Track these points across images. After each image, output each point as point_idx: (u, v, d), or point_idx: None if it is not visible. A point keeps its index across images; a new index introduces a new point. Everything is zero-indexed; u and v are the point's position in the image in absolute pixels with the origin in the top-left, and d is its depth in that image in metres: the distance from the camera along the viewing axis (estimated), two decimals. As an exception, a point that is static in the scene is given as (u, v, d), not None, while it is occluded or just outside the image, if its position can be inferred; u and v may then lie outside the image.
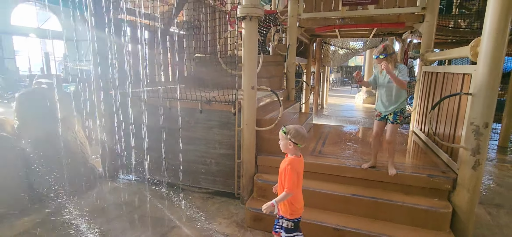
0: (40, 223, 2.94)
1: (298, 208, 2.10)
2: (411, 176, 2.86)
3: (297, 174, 2.01)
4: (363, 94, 13.32)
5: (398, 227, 2.64)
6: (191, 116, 3.62)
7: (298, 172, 2.02)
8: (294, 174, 1.98)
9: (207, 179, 3.72)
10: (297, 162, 2.05)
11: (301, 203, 2.13)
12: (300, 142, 2.03)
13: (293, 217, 2.10)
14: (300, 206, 2.12)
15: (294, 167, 2.00)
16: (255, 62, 3.14)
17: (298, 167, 2.03)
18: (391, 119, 2.81)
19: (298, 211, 2.11)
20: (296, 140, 2.02)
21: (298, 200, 2.10)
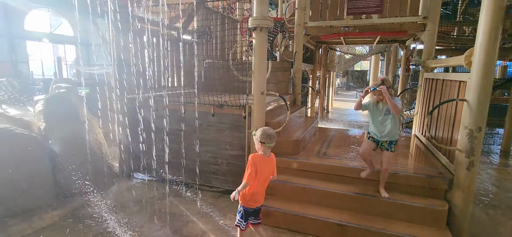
0: (67, 216, 3.21)
1: (249, 200, 2.38)
2: (411, 176, 3.06)
3: (256, 169, 2.27)
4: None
5: (398, 223, 2.83)
6: (203, 119, 3.87)
7: (257, 168, 2.28)
8: (251, 167, 2.27)
9: (218, 179, 3.96)
10: (259, 159, 2.32)
11: (254, 197, 2.38)
12: (266, 141, 2.30)
13: (244, 205, 2.41)
14: (254, 200, 2.39)
15: (254, 161, 2.29)
16: (264, 69, 3.38)
17: (258, 163, 2.30)
18: (386, 146, 2.90)
19: (249, 202, 2.39)
20: (262, 139, 2.30)
21: (256, 194, 2.37)
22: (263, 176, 2.37)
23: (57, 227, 3.01)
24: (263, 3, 3.20)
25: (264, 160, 2.35)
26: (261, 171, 2.32)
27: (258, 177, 2.32)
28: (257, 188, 2.37)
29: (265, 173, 2.37)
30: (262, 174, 2.34)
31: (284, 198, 3.32)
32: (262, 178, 2.36)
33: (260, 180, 2.35)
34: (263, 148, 2.33)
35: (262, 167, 2.32)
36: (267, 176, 2.42)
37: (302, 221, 3.03)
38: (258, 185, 2.36)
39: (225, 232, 3.00)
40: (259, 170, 2.30)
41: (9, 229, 2.93)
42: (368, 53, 11.04)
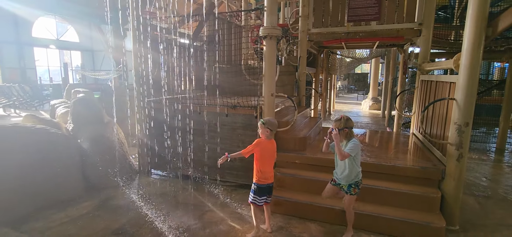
0: (98, 207, 3.56)
1: (261, 178, 2.91)
2: (407, 168, 3.40)
3: (259, 149, 2.88)
4: (369, 101, 13.80)
5: (396, 209, 3.16)
6: (217, 119, 4.23)
7: (261, 148, 2.88)
8: (253, 146, 2.89)
9: (231, 173, 4.31)
10: (264, 142, 2.91)
11: (266, 175, 2.91)
12: (272, 127, 2.92)
13: (257, 182, 2.92)
14: (264, 177, 2.91)
15: (257, 142, 2.90)
16: (274, 73, 3.75)
17: (262, 144, 2.89)
18: (346, 189, 2.84)
19: (261, 179, 2.91)
20: (269, 125, 2.90)
21: (264, 172, 2.90)
22: (267, 155, 2.91)
23: (91, 216, 3.36)
24: (273, 14, 3.58)
25: (266, 143, 2.92)
26: (265, 151, 2.89)
27: (263, 156, 2.89)
28: (263, 166, 2.90)
29: (267, 153, 2.92)
30: (265, 153, 2.90)
31: (293, 189, 3.66)
32: (266, 157, 2.90)
33: (265, 159, 2.90)
34: (268, 133, 2.90)
35: (265, 148, 2.90)
36: (270, 155, 2.95)
37: (310, 208, 3.37)
38: (264, 163, 2.90)
39: (242, 218, 3.35)
40: (263, 150, 2.88)
41: (49, 217, 3.28)
42: (368, 57, 11.42)
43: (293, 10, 6.87)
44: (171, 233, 3.03)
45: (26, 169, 3.39)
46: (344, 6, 5.29)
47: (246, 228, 3.17)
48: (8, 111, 11.53)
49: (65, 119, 5.03)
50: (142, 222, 3.24)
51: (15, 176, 3.31)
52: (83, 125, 4.25)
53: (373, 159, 3.67)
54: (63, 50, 21.94)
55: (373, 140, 4.93)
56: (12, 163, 3.30)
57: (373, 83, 14.06)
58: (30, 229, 3.06)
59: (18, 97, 12.17)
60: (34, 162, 3.45)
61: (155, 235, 3.00)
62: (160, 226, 3.16)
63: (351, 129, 2.80)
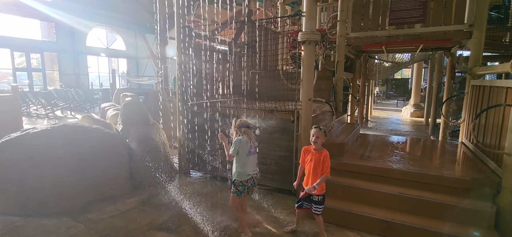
0: (143, 203, 3.82)
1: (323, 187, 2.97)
2: (456, 179, 3.18)
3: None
4: (411, 108, 13.03)
5: (443, 223, 2.96)
6: (254, 123, 4.31)
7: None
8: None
9: (267, 177, 4.36)
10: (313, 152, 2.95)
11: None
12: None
13: (323, 192, 2.97)
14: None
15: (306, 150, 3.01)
16: (312, 78, 3.75)
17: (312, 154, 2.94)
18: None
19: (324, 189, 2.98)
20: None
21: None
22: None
23: (138, 210, 3.62)
24: (312, 19, 3.59)
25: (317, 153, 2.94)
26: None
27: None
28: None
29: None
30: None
31: (329, 196, 3.57)
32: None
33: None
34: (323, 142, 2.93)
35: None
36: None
37: (348, 217, 3.29)
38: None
39: (277, 222, 3.37)
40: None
41: (101, 210, 3.60)
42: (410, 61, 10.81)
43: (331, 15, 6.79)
44: (210, 232, 3.14)
45: (83, 164, 3.76)
46: (385, 9, 5.12)
47: (281, 232, 3.19)
48: (65, 113, 12.83)
49: (115, 120, 5.49)
50: (183, 219, 3.41)
51: (74, 170, 3.68)
52: (131, 126, 4.60)
53: (417, 168, 3.48)
54: (111, 57, 23.87)
55: (415, 149, 4.68)
56: (71, 158, 3.68)
57: (415, 88, 13.26)
58: (85, 219, 3.39)
59: (73, 100, 13.48)
60: (89, 158, 3.82)
61: (195, 232, 3.15)
62: (200, 224, 3.30)
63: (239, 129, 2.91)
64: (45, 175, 3.50)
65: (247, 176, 2.89)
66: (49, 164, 3.54)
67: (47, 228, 3.16)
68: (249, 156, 2.88)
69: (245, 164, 2.87)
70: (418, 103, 13.04)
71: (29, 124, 9.99)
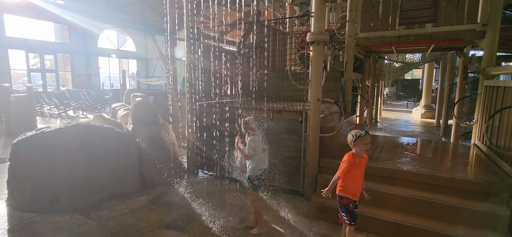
0: (153, 201, 3.88)
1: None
2: (469, 181, 3.11)
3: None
4: (421, 109, 12.81)
5: (455, 226, 2.91)
6: (262, 124, 4.32)
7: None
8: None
9: (274, 178, 4.35)
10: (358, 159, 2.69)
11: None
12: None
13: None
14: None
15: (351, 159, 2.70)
16: (320, 78, 3.73)
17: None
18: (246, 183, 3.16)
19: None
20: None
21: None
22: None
23: (147, 209, 3.67)
24: (320, 20, 3.58)
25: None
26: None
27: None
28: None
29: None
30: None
31: (339, 197, 3.57)
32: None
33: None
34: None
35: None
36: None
37: (358, 218, 3.25)
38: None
39: (285, 222, 3.37)
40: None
41: (112, 207, 3.67)
42: (421, 61, 10.65)
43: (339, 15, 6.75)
44: (218, 231, 3.16)
45: (94, 163, 3.84)
46: (395, 9, 5.06)
47: (289, 232, 3.18)
48: (77, 113, 13.11)
49: (125, 120, 5.58)
50: (191, 218, 3.45)
51: (85, 169, 3.77)
52: (141, 126, 4.68)
53: (428, 170, 3.42)
54: (122, 58, 24.28)
55: (426, 150, 4.60)
56: (83, 157, 3.77)
57: (426, 89, 13.02)
58: (96, 216, 3.46)
59: (85, 101, 13.77)
60: (100, 157, 3.90)
61: (203, 231, 3.17)
62: (208, 223, 3.32)
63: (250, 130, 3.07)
64: (58, 173, 3.59)
65: (261, 171, 3.06)
66: (62, 162, 3.63)
67: (60, 224, 3.24)
68: (263, 153, 3.06)
69: (260, 160, 3.04)
70: (429, 104, 12.81)
71: (43, 123, 10.25)
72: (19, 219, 3.34)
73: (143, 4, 15.29)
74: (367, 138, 2.58)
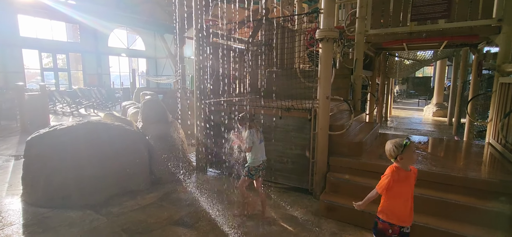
0: (162, 198, 3.92)
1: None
2: (483, 180, 3.03)
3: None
4: (433, 107, 12.56)
5: (468, 226, 2.84)
6: (271, 121, 4.31)
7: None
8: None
9: (283, 176, 4.34)
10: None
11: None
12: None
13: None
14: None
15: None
16: (330, 76, 3.69)
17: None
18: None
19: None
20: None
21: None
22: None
23: (156, 205, 3.71)
24: (330, 16, 3.54)
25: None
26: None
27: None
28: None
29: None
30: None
31: (348, 195, 3.52)
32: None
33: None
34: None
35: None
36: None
37: (366, 217, 3.21)
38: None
39: (293, 220, 3.36)
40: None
41: (122, 204, 3.73)
42: (433, 58, 10.42)
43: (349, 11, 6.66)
44: (226, 229, 3.17)
45: (105, 160, 3.90)
46: (407, 5, 4.95)
47: (298, 230, 3.17)
48: (88, 111, 13.36)
49: (135, 118, 5.65)
50: (200, 215, 3.47)
51: (96, 166, 3.83)
52: (151, 124, 4.72)
53: (440, 169, 3.35)
54: (131, 57, 24.58)
55: (438, 149, 4.51)
56: (94, 154, 3.83)
57: (438, 87, 12.76)
58: (108, 212, 3.51)
59: (96, 99, 14.01)
60: (110, 154, 3.96)
61: (212, 228, 3.19)
62: (217, 220, 3.34)
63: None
64: (70, 170, 3.66)
65: (259, 162, 3.29)
66: (74, 159, 3.70)
67: (73, 220, 3.31)
68: (260, 144, 3.31)
69: (258, 152, 3.28)
70: (441, 102, 12.55)
71: (55, 121, 10.49)
72: (33, 214, 3.42)
73: (152, 3, 15.45)
74: (413, 146, 2.14)
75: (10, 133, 8.29)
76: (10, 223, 3.23)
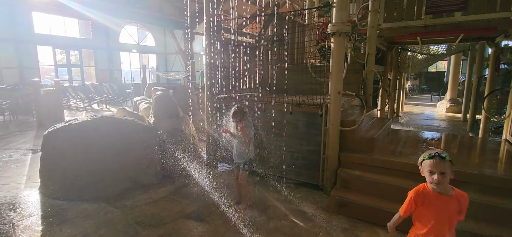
0: (174, 192, 3.98)
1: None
2: (499, 178, 2.96)
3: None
4: (447, 103, 12.27)
5: (484, 224, 2.77)
6: (281, 117, 4.30)
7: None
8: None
9: (293, 171, 4.34)
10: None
11: None
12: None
13: None
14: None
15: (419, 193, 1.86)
16: (341, 70, 3.65)
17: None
18: (241, 167, 3.41)
19: None
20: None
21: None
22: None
23: (169, 199, 3.78)
24: (342, 10, 3.48)
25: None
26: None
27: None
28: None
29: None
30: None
31: (359, 192, 3.51)
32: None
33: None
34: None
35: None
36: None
37: (378, 213, 3.19)
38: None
39: (304, 216, 3.36)
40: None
41: (136, 197, 3.80)
42: (447, 53, 10.15)
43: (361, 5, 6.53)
44: (238, 223, 3.20)
45: (118, 154, 3.98)
46: (421, -3, 4.82)
47: (309, 226, 3.17)
48: (101, 106, 13.62)
49: (147, 113, 5.73)
50: (211, 209, 3.51)
51: (111, 159, 3.91)
52: (162, 119, 4.78)
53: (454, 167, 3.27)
54: (142, 53, 24.88)
55: (452, 145, 4.41)
56: (108, 148, 3.91)
57: (452, 82, 12.44)
58: (121, 205, 3.60)
59: (108, 95, 14.26)
60: (124, 148, 4.04)
61: (223, 222, 3.22)
62: (228, 215, 3.37)
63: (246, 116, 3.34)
64: (85, 163, 3.76)
65: (254, 154, 3.48)
66: (89, 153, 3.80)
67: (88, 212, 3.40)
68: (254, 137, 3.45)
69: (253, 144, 3.40)
70: (455, 97, 12.25)
71: (69, 116, 10.75)
72: (51, 206, 3.53)
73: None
74: (431, 164, 1.70)
75: (28, 127, 8.55)
76: (29, 214, 3.35)
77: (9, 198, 3.75)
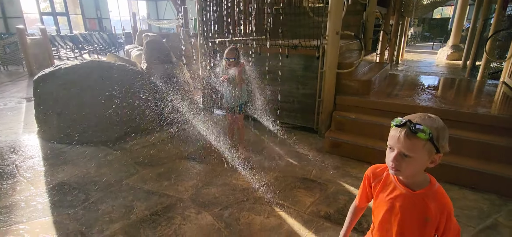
0: (171, 137, 4.04)
1: None
2: (493, 116, 2.99)
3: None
4: (448, 49, 12.00)
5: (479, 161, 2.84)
6: (277, 61, 4.19)
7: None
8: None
9: (289, 115, 4.36)
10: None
11: None
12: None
13: None
14: None
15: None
16: (341, 9, 3.46)
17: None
18: (238, 110, 3.38)
19: None
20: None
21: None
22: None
23: (166, 143, 3.84)
24: None
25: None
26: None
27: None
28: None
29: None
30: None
31: (352, 133, 3.57)
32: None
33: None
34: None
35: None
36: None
37: (369, 152, 3.28)
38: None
39: (298, 156, 3.46)
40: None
41: (134, 141, 3.87)
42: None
43: None
44: (235, 162, 3.29)
45: (113, 99, 3.93)
46: None
47: (303, 164, 3.27)
48: (92, 56, 13.23)
49: (139, 60, 5.58)
50: (208, 151, 3.58)
51: (106, 104, 3.88)
52: (155, 65, 4.66)
53: (449, 106, 3.30)
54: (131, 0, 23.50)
55: (448, 88, 4.39)
56: (101, 92, 3.86)
57: (456, 28, 12.02)
58: (120, 148, 3.66)
59: (98, 44, 13.77)
60: (118, 94, 3.98)
61: (220, 161, 3.31)
62: (226, 155, 3.45)
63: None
64: (80, 108, 3.74)
65: (247, 95, 3.41)
66: (82, 98, 3.75)
67: (88, 154, 3.47)
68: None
69: (245, 85, 3.34)
70: (457, 44, 11.94)
71: (61, 66, 10.47)
72: (51, 149, 3.59)
73: None
74: (392, 136, 1.00)
75: (19, 77, 8.37)
76: (30, 156, 3.42)
77: (9, 142, 3.80)
